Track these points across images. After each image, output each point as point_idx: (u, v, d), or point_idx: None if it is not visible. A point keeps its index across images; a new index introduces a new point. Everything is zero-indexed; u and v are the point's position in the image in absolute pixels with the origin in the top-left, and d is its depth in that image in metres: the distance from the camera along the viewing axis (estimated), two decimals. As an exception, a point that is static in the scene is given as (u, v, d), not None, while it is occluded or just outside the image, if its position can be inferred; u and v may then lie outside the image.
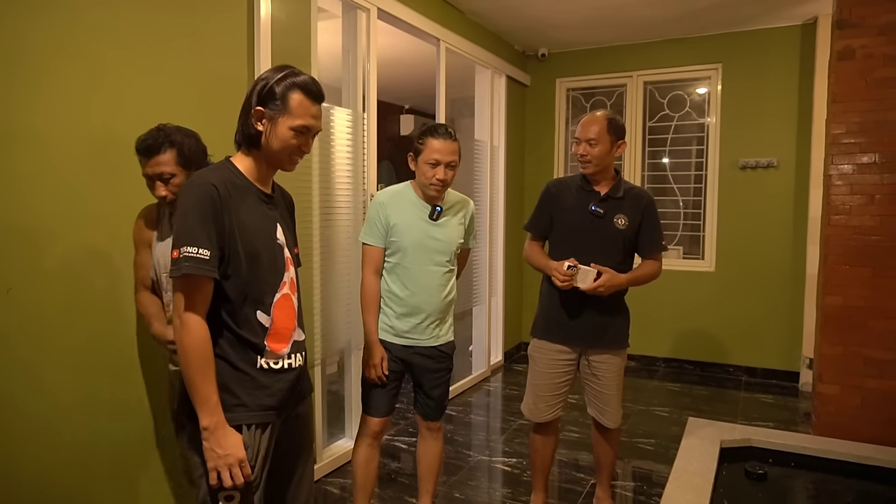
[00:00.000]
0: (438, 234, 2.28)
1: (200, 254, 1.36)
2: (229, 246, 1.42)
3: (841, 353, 3.18)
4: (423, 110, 7.69)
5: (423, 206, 2.29)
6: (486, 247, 4.84)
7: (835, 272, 3.19)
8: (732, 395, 4.43)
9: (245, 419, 1.45)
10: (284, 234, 1.58)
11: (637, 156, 5.20)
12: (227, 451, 1.38)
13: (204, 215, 1.38)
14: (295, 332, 1.57)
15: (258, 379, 1.48)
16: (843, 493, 2.49)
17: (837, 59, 3.17)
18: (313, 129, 1.52)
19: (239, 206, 1.45)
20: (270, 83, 1.47)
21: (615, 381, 2.47)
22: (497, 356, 5.11)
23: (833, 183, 3.20)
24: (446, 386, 2.43)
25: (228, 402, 1.43)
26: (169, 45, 2.22)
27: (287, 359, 1.53)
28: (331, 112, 3.04)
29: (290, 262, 1.58)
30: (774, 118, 4.68)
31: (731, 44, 4.79)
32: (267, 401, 1.49)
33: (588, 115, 2.42)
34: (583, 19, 4.53)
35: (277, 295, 1.52)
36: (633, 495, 2.90)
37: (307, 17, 2.87)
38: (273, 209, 1.56)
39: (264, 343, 1.49)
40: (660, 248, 2.48)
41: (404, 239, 2.25)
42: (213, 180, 1.42)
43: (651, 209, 2.45)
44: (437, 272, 2.29)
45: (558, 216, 2.49)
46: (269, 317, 1.50)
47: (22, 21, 1.77)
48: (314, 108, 1.51)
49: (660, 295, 5.06)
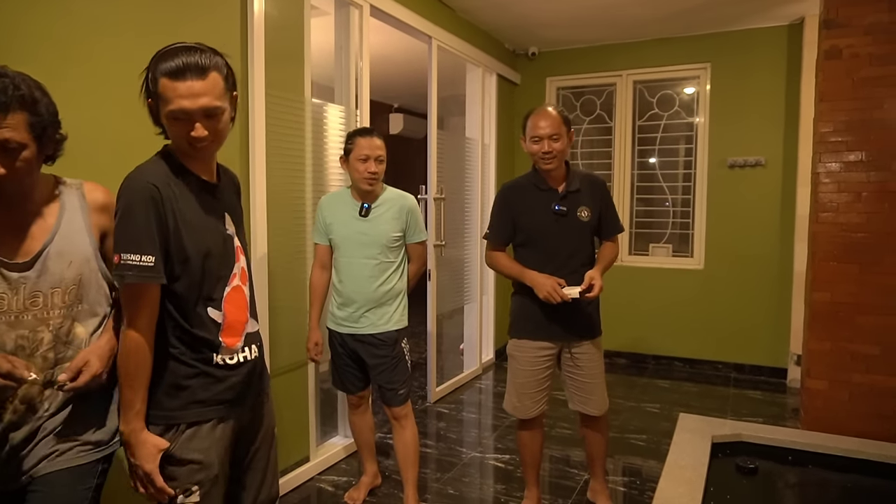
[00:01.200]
0: (367, 228, 2.51)
1: (144, 261, 1.30)
2: (175, 246, 1.36)
3: (829, 349, 3.22)
4: (412, 109, 7.68)
5: (355, 205, 2.54)
6: (476, 245, 4.84)
7: (822, 269, 3.23)
8: (721, 391, 4.47)
9: (202, 416, 1.43)
10: (234, 223, 1.52)
11: (626, 154, 5.23)
12: (138, 461, 1.36)
13: (146, 218, 1.31)
14: (248, 324, 1.53)
15: (214, 374, 1.44)
16: (831, 486, 2.52)
17: (824, 58, 3.21)
18: (190, 110, 1.32)
19: (183, 202, 1.38)
20: (147, 73, 1.35)
21: (598, 367, 2.52)
22: (488, 354, 5.13)
23: (820, 181, 3.24)
24: (391, 373, 2.56)
25: (185, 400, 1.41)
26: (161, 38, 2.20)
27: (241, 352, 1.50)
28: (324, 109, 3.04)
29: (241, 251, 1.53)
30: (762, 117, 4.73)
31: (720, 43, 4.84)
32: (224, 395, 1.46)
33: (538, 112, 2.38)
34: (572, 18, 4.55)
35: (228, 288, 1.47)
36: (626, 490, 2.92)
37: (300, 13, 2.86)
38: (219, 198, 1.49)
39: (219, 339, 1.45)
40: (619, 230, 2.55)
41: (336, 235, 2.54)
42: (153, 178, 1.34)
43: (606, 193, 2.53)
44: (368, 264, 2.51)
45: (520, 220, 2.46)
46: (221, 312, 1.45)
47: (15, 13, 1.75)
48: (182, 87, 1.31)
49: (649, 292, 5.10)
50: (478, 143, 4.82)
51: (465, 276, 4.70)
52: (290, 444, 2.92)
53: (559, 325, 2.44)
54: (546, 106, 2.42)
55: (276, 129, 2.72)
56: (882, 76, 3.08)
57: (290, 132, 2.81)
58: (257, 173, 2.61)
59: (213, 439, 1.44)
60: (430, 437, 3.60)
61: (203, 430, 1.43)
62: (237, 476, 1.57)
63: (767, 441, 2.70)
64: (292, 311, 2.88)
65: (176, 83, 1.31)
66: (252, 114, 2.58)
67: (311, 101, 2.92)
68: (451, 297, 4.49)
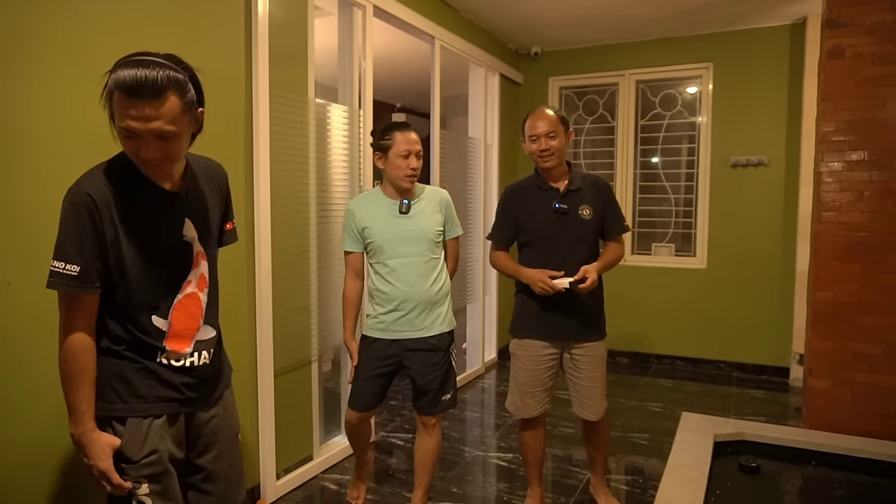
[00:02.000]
0: (410, 225, 2.37)
1: (67, 269, 1.31)
2: (114, 256, 1.36)
3: (831, 348, 3.22)
4: (414, 108, 7.69)
5: (392, 204, 2.39)
6: (479, 244, 4.85)
7: (825, 268, 3.24)
8: (724, 390, 4.48)
9: (146, 411, 1.43)
10: (197, 227, 1.49)
11: (629, 154, 5.23)
12: (93, 461, 1.37)
13: (78, 228, 1.31)
14: (199, 332, 1.51)
15: (158, 372, 1.44)
16: (834, 485, 2.53)
17: (827, 57, 3.21)
18: (138, 131, 1.27)
19: (127, 211, 1.36)
20: (107, 81, 1.28)
21: (597, 371, 2.50)
22: (491, 353, 5.14)
23: (823, 180, 3.24)
24: (441, 381, 2.42)
25: (124, 393, 1.41)
26: (166, 39, 2.22)
27: (189, 357, 1.48)
28: (327, 109, 3.05)
29: (202, 257, 1.51)
30: (764, 117, 4.74)
31: (722, 43, 4.84)
32: (167, 393, 1.45)
33: (535, 113, 2.44)
34: (575, 18, 4.56)
35: (179, 296, 1.46)
36: (628, 489, 2.93)
37: (304, 14, 2.88)
38: (177, 204, 1.46)
39: (163, 344, 1.45)
40: (623, 230, 2.54)
41: (377, 237, 2.36)
42: (91, 187, 1.33)
43: (609, 193, 2.52)
44: (417, 262, 2.37)
45: (522, 220, 2.50)
46: (167, 320, 1.44)
47: (18, 11, 1.76)
48: (134, 107, 1.25)
49: (652, 292, 5.11)
50: (480, 142, 4.83)
51: (468, 276, 4.71)
52: (293, 442, 2.94)
53: (559, 324, 2.45)
54: (543, 107, 2.46)
55: (280, 129, 2.73)
56: (884, 76, 3.09)
57: (293, 132, 2.82)
58: (261, 173, 2.62)
59: (158, 435, 1.44)
60: (433, 436, 3.60)
61: (147, 425, 1.43)
62: (196, 482, 1.56)
63: (770, 440, 2.71)
64: (296, 311, 2.89)
65: (128, 100, 1.25)
66: (256, 114, 2.59)
67: (314, 101, 2.93)
68: (454, 296, 4.49)
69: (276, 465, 2.80)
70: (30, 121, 1.81)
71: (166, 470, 1.44)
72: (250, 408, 2.68)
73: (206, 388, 1.54)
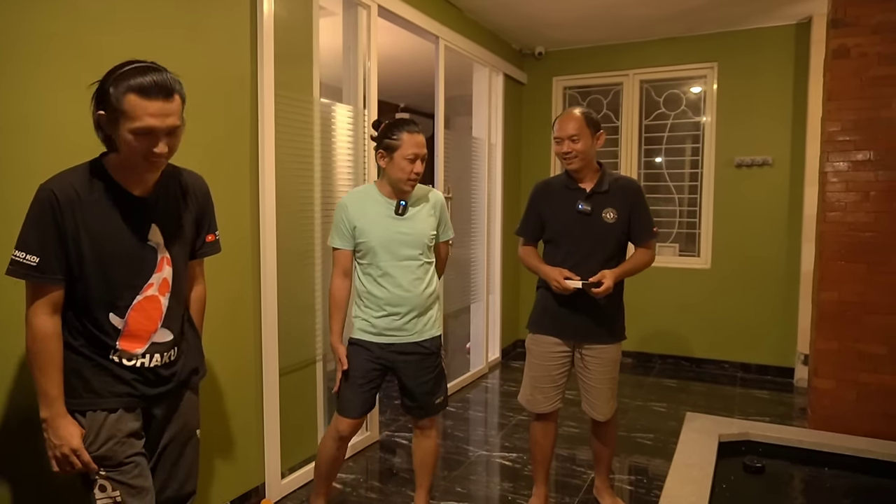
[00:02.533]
0: (406, 228, 2.28)
1: (27, 259, 1.40)
2: (74, 252, 1.44)
3: (836, 349, 3.22)
4: (418, 108, 7.70)
5: (388, 203, 2.29)
6: (483, 244, 4.86)
7: (830, 268, 3.23)
8: (728, 391, 4.47)
9: (99, 405, 1.51)
10: (164, 233, 1.57)
11: (633, 154, 5.23)
12: (62, 441, 1.45)
13: (39, 221, 1.41)
14: (156, 334, 1.57)
15: (110, 369, 1.52)
16: (839, 485, 2.52)
17: (832, 57, 3.21)
18: (157, 129, 1.40)
19: (90, 211, 1.45)
20: (106, 85, 1.40)
21: (607, 374, 2.50)
22: (494, 353, 5.14)
23: (828, 180, 3.24)
24: (433, 384, 2.37)
25: (80, 388, 1.50)
26: (170, 39, 2.23)
27: (141, 358, 1.55)
28: (332, 109, 3.05)
29: (167, 262, 1.58)
30: (769, 116, 4.73)
31: (727, 43, 4.84)
32: (120, 388, 1.53)
33: (563, 115, 2.44)
34: (578, 18, 4.56)
35: (139, 297, 1.53)
36: (633, 489, 2.93)
37: (309, 14, 2.88)
38: (145, 209, 1.53)
39: (115, 343, 1.52)
40: (650, 236, 2.49)
41: (371, 238, 2.25)
42: (57, 185, 1.42)
43: (638, 197, 2.47)
44: (411, 266, 2.28)
45: (547, 218, 2.51)
46: (123, 319, 1.52)
47: (18, 10, 1.77)
48: (153, 106, 1.38)
49: (656, 292, 5.10)
50: (484, 142, 4.83)
51: (472, 276, 4.72)
52: (298, 441, 2.95)
53: (573, 323, 2.45)
54: (573, 108, 2.45)
55: (285, 128, 2.74)
56: (890, 75, 3.08)
57: (298, 132, 2.83)
58: (266, 173, 2.63)
59: (112, 428, 1.52)
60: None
61: (100, 418, 1.51)
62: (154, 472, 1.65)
63: (775, 440, 2.71)
64: (301, 311, 2.90)
65: (146, 102, 1.37)
66: (261, 114, 2.60)
67: (319, 101, 2.94)
68: (457, 296, 4.51)
69: (281, 464, 2.81)
70: (30, 119, 1.81)
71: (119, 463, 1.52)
72: (255, 407, 2.69)
73: (159, 387, 1.60)
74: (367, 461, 3.22)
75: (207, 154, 2.39)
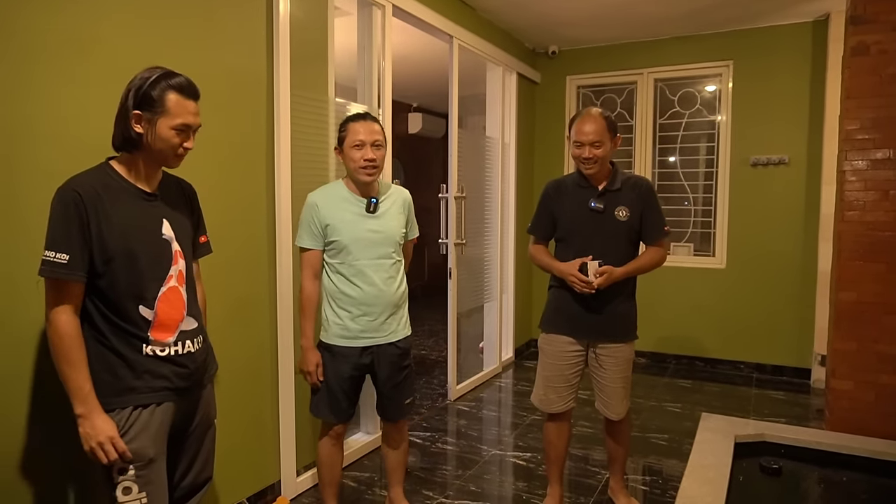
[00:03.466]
0: (377, 226, 2.25)
1: (58, 258, 1.45)
2: (98, 247, 1.50)
3: (855, 349, 3.18)
4: (431, 108, 7.71)
5: (358, 201, 2.25)
6: (496, 243, 4.85)
7: (848, 268, 3.20)
8: (743, 391, 4.44)
9: (137, 401, 1.55)
10: (174, 229, 1.66)
11: (647, 153, 5.20)
12: (98, 431, 1.48)
13: (66, 221, 1.46)
14: (183, 322, 1.64)
15: (145, 364, 1.56)
16: (857, 488, 2.50)
17: (851, 54, 3.17)
18: (193, 125, 1.59)
19: (111, 207, 1.52)
20: (145, 87, 1.52)
21: (621, 373, 2.49)
22: (508, 353, 5.13)
23: (846, 179, 3.20)
24: (407, 383, 2.38)
25: (118, 387, 1.54)
26: (187, 39, 2.25)
27: (174, 346, 1.61)
28: (347, 108, 3.07)
29: (180, 255, 1.66)
30: (786, 115, 4.68)
31: (742, 41, 4.79)
32: (156, 383, 1.58)
33: (583, 117, 2.37)
34: (592, 16, 4.54)
35: (163, 288, 1.60)
36: (647, 489, 2.92)
37: (324, 14, 2.90)
38: (157, 206, 1.63)
39: (147, 334, 1.57)
40: (661, 234, 2.47)
41: (343, 237, 2.21)
42: (79, 186, 1.49)
43: (650, 196, 2.45)
44: (384, 265, 2.26)
45: (560, 216, 2.50)
46: (153, 310, 1.58)
47: (42, 11, 1.79)
48: (191, 106, 1.58)
49: (670, 292, 5.07)
50: (498, 142, 4.83)
51: (485, 275, 4.71)
52: (313, 440, 2.96)
53: (584, 322, 2.45)
54: (592, 109, 2.39)
55: (301, 127, 2.75)
56: (910, 73, 3.04)
57: (313, 131, 2.84)
58: (282, 172, 2.64)
59: (146, 424, 1.55)
60: (450, 435, 3.62)
61: (135, 416, 1.55)
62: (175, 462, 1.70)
63: (792, 441, 2.69)
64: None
65: (186, 101, 1.56)
66: (277, 113, 2.61)
67: (334, 100, 2.95)
68: (470, 295, 4.51)
69: (297, 462, 2.82)
70: (53, 121, 1.83)
71: (150, 459, 1.55)
72: (271, 405, 2.71)
73: (193, 377, 1.66)
74: (381, 460, 3.23)
75: (225, 153, 2.42)
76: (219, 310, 2.42)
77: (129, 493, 1.53)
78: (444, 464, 3.21)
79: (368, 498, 2.83)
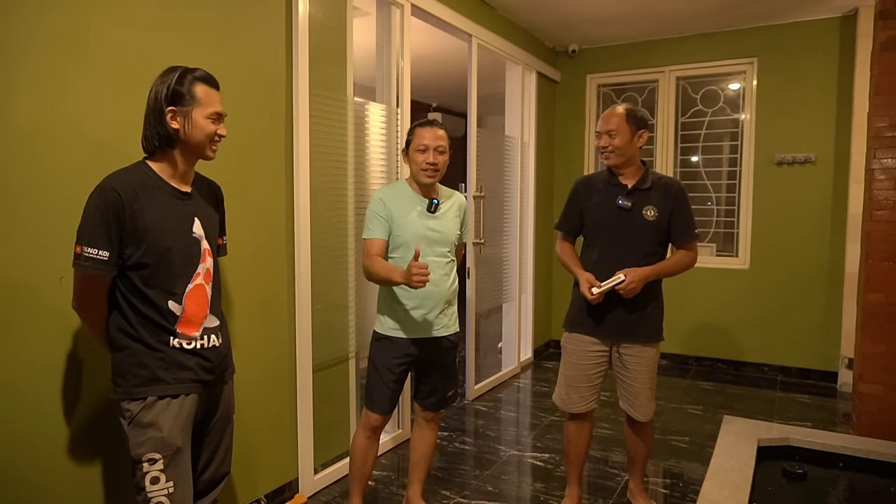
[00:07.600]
0: (437, 225, 2.36)
1: (100, 255, 1.52)
2: (133, 244, 1.56)
3: (883, 352, 3.10)
4: (450, 108, 7.70)
5: (420, 200, 2.36)
6: (516, 243, 4.83)
7: (877, 269, 3.12)
8: (767, 394, 4.36)
9: (164, 391, 1.60)
10: (203, 227, 1.71)
11: (669, 152, 5.14)
12: None
13: (105, 218, 1.52)
14: (206, 319, 1.70)
15: (173, 356, 1.62)
16: (885, 494, 2.43)
17: (881, 50, 3.10)
18: (223, 113, 1.68)
19: (147, 205, 1.58)
20: (172, 85, 1.59)
21: (646, 374, 2.47)
22: (527, 353, 5.11)
23: (875, 177, 3.13)
24: (452, 377, 2.49)
25: (142, 376, 1.59)
26: (208, 40, 2.27)
27: (199, 340, 1.67)
28: (365, 108, 3.07)
29: (208, 254, 1.72)
30: (812, 112, 4.59)
31: (767, 37, 4.71)
32: (183, 374, 1.63)
33: (608, 109, 2.45)
34: (613, 14, 4.49)
35: (190, 286, 1.66)
36: (668, 492, 2.88)
37: (343, 14, 2.91)
38: (189, 205, 1.69)
39: (174, 328, 1.63)
40: (691, 237, 2.45)
41: (406, 233, 2.32)
42: (117, 184, 1.54)
43: (681, 198, 2.43)
44: (441, 262, 2.35)
45: (587, 213, 2.50)
46: (181, 305, 1.64)
47: (71, 10, 1.82)
48: (217, 95, 1.67)
49: (693, 293, 5.00)
50: (517, 141, 4.81)
51: (504, 275, 4.69)
52: (331, 437, 2.97)
53: (608, 323, 2.43)
54: (616, 104, 2.46)
55: (320, 127, 2.77)
56: (942, 68, 2.96)
57: (332, 131, 2.85)
58: (300, 171, 2.66)
59: (174, 414, 1.61)
60: (468, 435, 3.61)
61: (163, 406, 1.60)
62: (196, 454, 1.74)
63: (817, 446, 2.62)
64: (334, 308, 2.92)
65: (213, 91, 1.65)
66: (296, 113, 2.63)
67: (353, 100, 2.96)
68: (489, 295, 4.49)
69: (314, 460, 2.84)
70: (79, 119, 1.86)
71: (177, 448, 1.60)
72: (289, 403, 2.72)
73: (215, 371, 1.71)
74: (399, 459, 3.24)
75: (244, 152, 2.43)
76: (241, 309, 2.44)
77: (157, 482, 1.56)
78: (461, 463, 3.20)
79: (385, 496, 2.84)
